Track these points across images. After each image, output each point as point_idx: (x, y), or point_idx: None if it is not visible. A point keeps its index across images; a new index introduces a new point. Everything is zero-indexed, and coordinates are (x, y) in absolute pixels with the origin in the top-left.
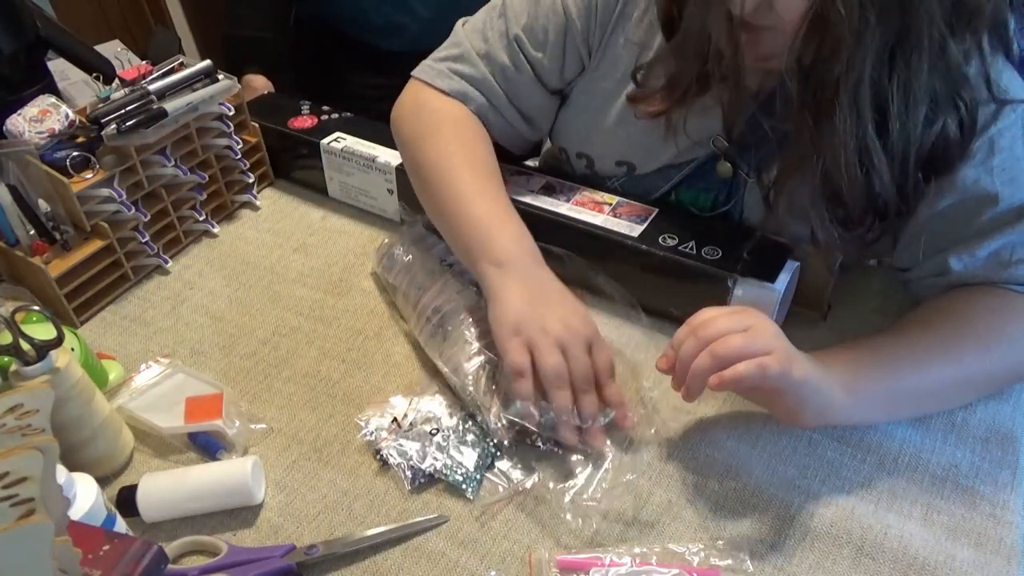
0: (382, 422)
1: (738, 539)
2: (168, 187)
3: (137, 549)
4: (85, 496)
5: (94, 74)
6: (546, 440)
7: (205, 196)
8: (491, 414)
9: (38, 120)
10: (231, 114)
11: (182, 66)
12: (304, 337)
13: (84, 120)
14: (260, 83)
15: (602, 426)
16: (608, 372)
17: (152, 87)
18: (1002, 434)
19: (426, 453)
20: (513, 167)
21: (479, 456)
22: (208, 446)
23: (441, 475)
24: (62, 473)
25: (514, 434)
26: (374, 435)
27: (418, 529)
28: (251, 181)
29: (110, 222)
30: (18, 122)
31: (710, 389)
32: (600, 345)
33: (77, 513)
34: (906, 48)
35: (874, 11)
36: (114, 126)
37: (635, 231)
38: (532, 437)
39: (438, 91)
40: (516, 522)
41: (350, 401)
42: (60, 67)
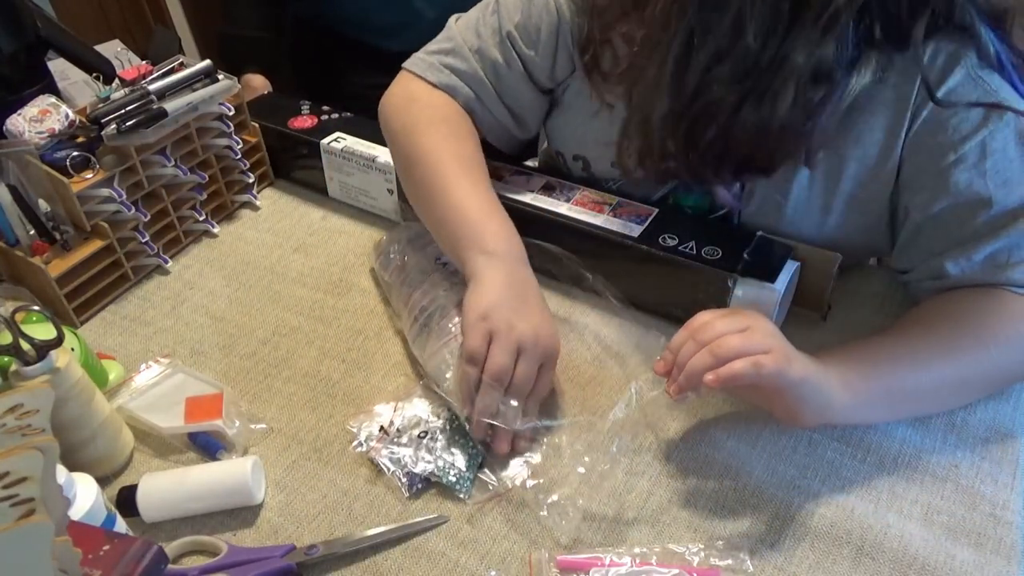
0: (372, 430)
1: (738, 539)
2: (168, 187)
3: (137, 549)
4: (85, 496)
5: (94, 74)
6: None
7: (205, 196)
8: (463, 410)
9: (38, 120)
10: (231, 114)
11: (182, 66)
12: (304, 337)
13: (84, 120)
14: (259, 83)
15: (508, 433)
16: (541, 397)
17: (152, 87)
18: (1002, 434)
19: (418, 457)
20: (513, 167)
21: (469, 456)
22: (208, 446)
23: (435, 477)
24: (62, 473)
25: (485, 429)
26: (364, 444)
27: (418, 529)
28: (251, 181)
29: (110, 222)
30: (18, 122)
31: (706, 387)
32: (550, 368)
33: (77, 513)
34: (720, 17)
35: None
36: (114, 126)
37: (635, 231)
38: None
39: (428, 84)
40: (516, 522)
41: (350, 401)
42: (60, 67)
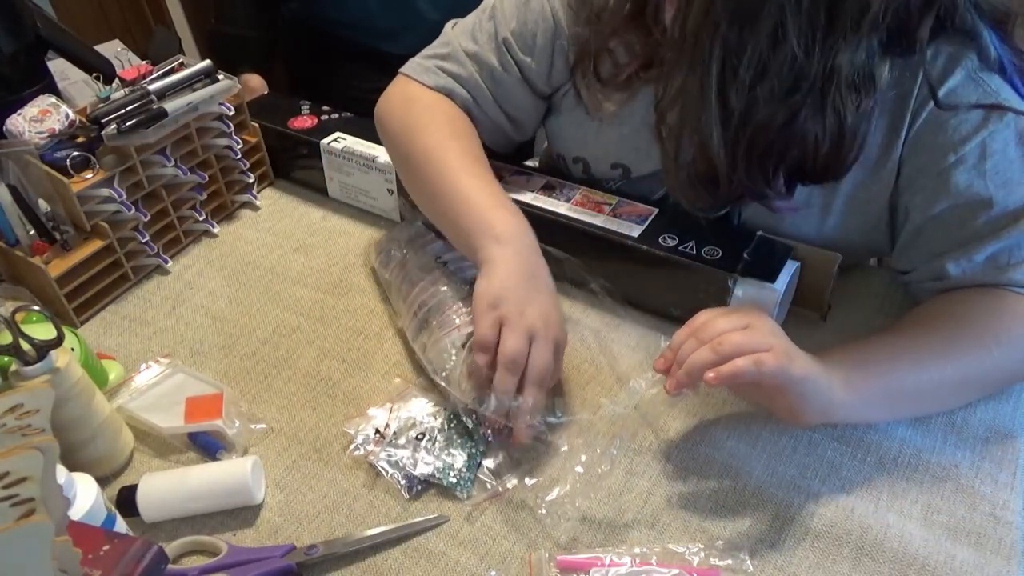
0: (368, 433)
1: (738, 539)
2: (168, 187)
3: (137, 549)
4: (85, 496)
5: (94, 74)
6: (483, 423)
7: (205, 196)
8: (470, 401)
9: (38, 120)
10: (231, 114)
11: (182, 66)
12: (304, 337)
13: (84, 120)
14: (256, 83)
15: (530, 426)
16: (551, 381)
17: (152, 87)
18: (1002, 434)
19: (417, 459)
20: (513, 167)
21: (468, 456)
22: (208, 446)
23: (434, 479)
24: (62, 473)
25: (501, 420)
26: (361, 448)
27: (418, 529)
28: (251, 181)
29: (110, 222)
30: (18, 122)
31: (707, 385)
32: (560, 355)
33: (77, 513)
34: (758, 28)
35: None
36: (114, 126)
37: (635, 231)
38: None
39: (426, 87)
40: (516, 522)
41: (350, 401)
42: (60, 67)
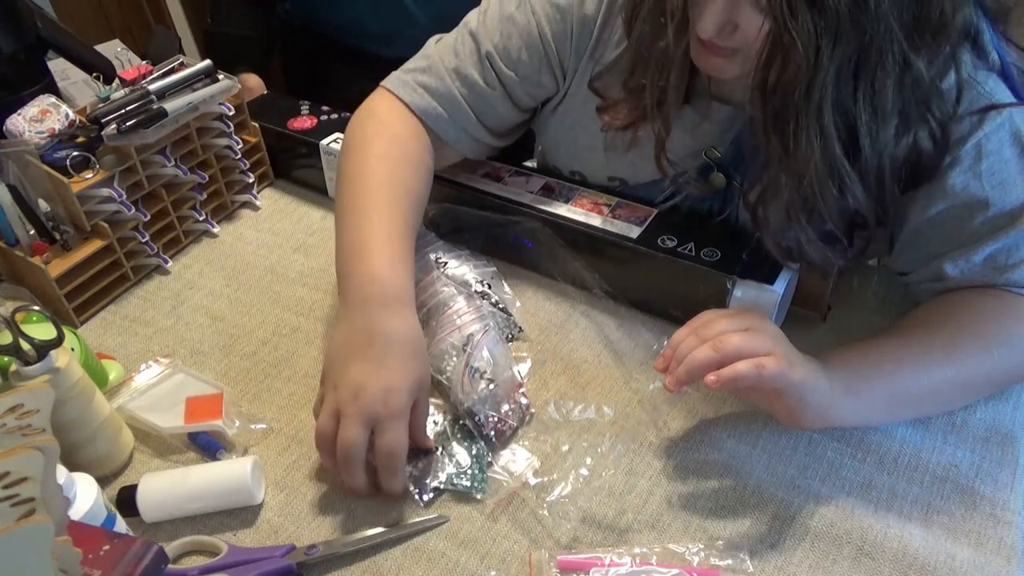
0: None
1: (738, 539)
2: (168, 187)
3: (137, 549)
4: (85, 496)
5: (94, 74)
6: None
7: (205, 196)
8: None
9: (38, 120)
10: (231, 114)
11: (182, 66)
12: (304, 337)
13: (84, 120)
14: (254, 83)
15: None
16: (420, 428)
17: (152, 87)
18: (1002, 434)
19: (429, 470)
20: (513, 167)
21: (476, 456)
22: (208, 446)
23: (449, 486)
24: (62, 473)
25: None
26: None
27: (418, 529)
28: (251, 181)
29: (110, 222)
30: (18, 122)
31: (707, 388)
32: (419, 422)
33: (77, 513)
34: (868, 67)
35: (828, 35)
36: (114, 126)
37: (634, 232)
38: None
39: (401, 103)
40: (516, 522)
41: None
42: (60, 67)
